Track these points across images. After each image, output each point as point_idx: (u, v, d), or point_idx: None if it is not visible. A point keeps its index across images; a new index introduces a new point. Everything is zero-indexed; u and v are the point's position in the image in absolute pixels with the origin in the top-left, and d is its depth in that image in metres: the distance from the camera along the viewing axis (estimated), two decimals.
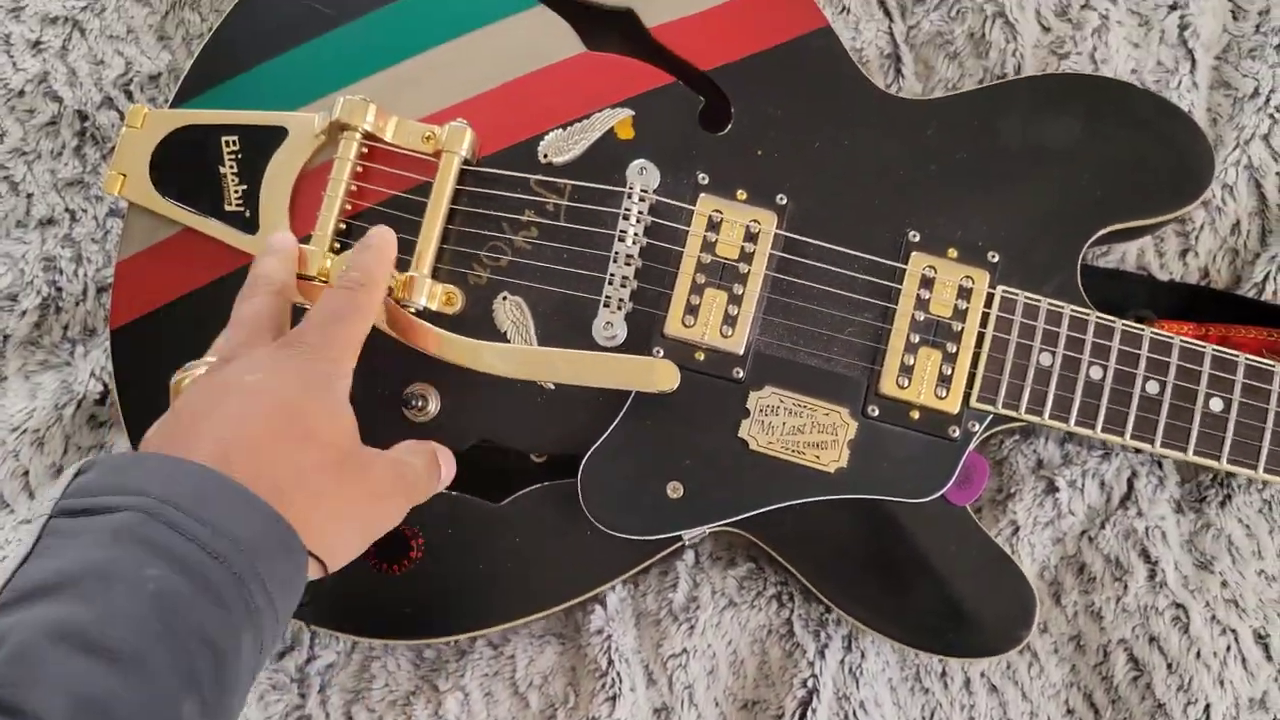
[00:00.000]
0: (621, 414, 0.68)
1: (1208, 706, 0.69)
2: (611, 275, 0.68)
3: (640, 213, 0.68)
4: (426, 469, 0.61)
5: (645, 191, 0.68)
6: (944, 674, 0.72)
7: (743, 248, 0.68)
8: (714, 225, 0.68)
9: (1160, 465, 0.74)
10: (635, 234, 0.68)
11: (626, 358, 0.65)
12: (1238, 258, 0.77)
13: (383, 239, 0.64)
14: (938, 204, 0.69)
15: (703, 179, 0.69)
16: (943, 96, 0.73)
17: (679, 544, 0.69)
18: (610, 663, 0.70)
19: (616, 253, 0.68)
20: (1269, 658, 0.70)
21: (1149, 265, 0.77)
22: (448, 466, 0.63)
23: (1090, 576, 0.72)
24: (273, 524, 0.49)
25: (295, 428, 0.54)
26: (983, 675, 0.72)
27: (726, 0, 0.72)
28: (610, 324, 0.67)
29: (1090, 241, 0.69)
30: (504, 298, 0.70)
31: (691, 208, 0.69)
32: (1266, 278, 0.75)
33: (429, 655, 0.73)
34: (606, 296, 0.68)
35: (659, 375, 0.63)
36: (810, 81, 0.71)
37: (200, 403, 0.53)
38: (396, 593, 0.69)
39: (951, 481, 0.68)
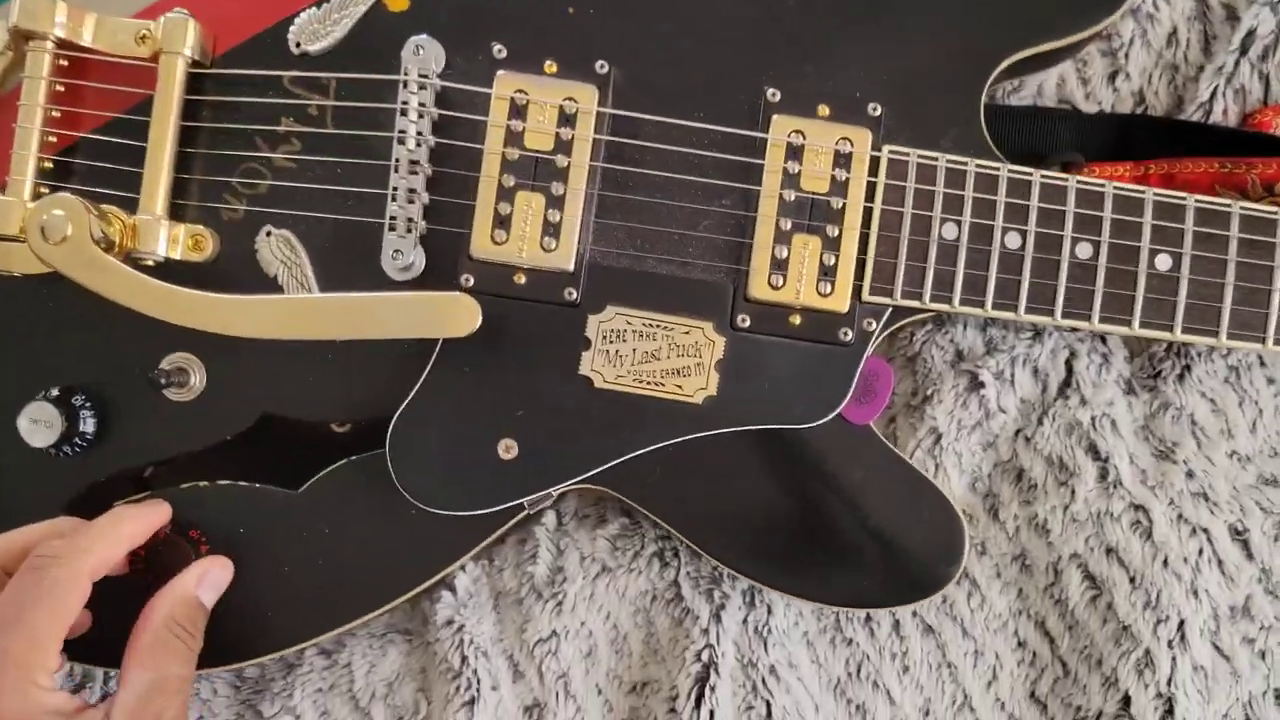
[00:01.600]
0: (431, 362, 0.54)
1: (1181, 623, 0.57)
2: (394, 189, 0.53)
3: (422, 105, 0.53)
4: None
5: (426, 76, 0.53)
6: (869, 619, 0.60)
7: (558, 135, 0.53)
8: (519, 111, 0.53)
9: (1104, 340, 0.61)
10: (419, 133, 0.53)
11: (408, 298, 0.51)
12: (1177, 74, 0.63)
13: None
14: (800, 51, 0.55)
15: (499, 52, 0.54)
16: None
17: (523, 512, 0.55)
18: (464, 659, 0.58)
19: (398, 159, 0.53)
20: (1249, 555, 0.58)
21: (1072, 97, 0.63)
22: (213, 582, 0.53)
23: (1031, 484, 0.60)
24: None
25: None
26: (915, 615, 0.60)
27: None
28: (400, 251, 0.53)
29: (993, 77, 0.55)
30: (268, 233, 0.55)
31: (488, 91, 0.54)
32: (1214, 95, 0.61)
33: (250, 674, 0.61)
34: (391, 217, 0.53)
35: (453, 315, 0.49)
36: None
37: None
38: None
39: (849, 396, 0.54)
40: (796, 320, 0.54)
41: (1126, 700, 0.57)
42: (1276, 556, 0.58)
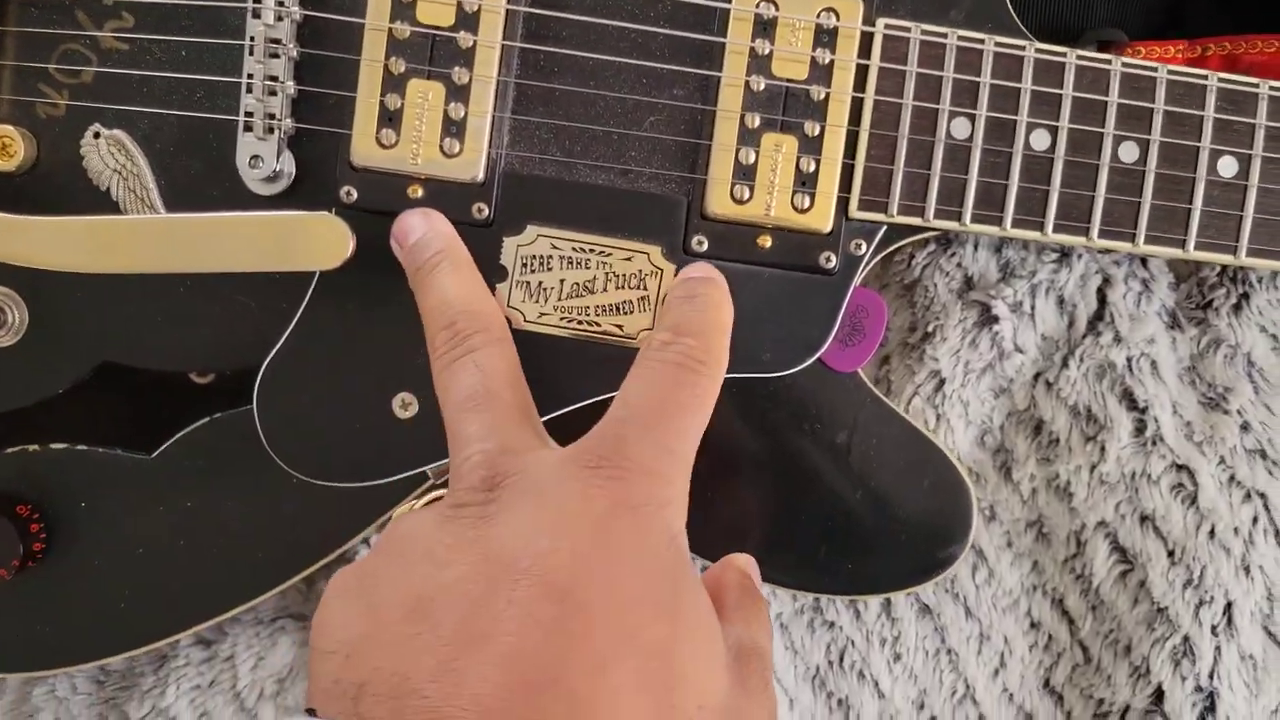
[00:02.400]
0: (306, 298, 0.43)
1: (1229, 605, 0.47)
2: (250, 77, 0.41)
3: None
4: (768, 633, 0.38)
5: None
6: (854, 600, 0.50)
7: (460, 5, 0.41)
8: None
9: (1145, 263, 0.50)
10: (279, 3, 0.41)
11: (255, 221, 0.40)
12: None
13: (710, 281, 0.40)
14: None
15: None
16: None
17: (429, 481, 0.45)
18: None
19: (253, 38, 0.41)
20: None
21: None
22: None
23: (1052, 438, 0.49)
24: None
25: (655, 677, 0.31)
26: (908, 594, 0.50)
27: None
28: (260, 157, 0.41)
29: None
30: (96, 134, 0.43)
31: None
32: None
33: (116, 666, 0.51)
34: (247, 113, 0.41)
35: (315, 242, 0.38)
36: None
37: (457, 602, 0.31)
38: (20, 606, 0.46)
39: (831, 337, 0.43)
40: (767, 242, 0.43)
41: (1159, 694, 0.48)
42: None
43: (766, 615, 0.39)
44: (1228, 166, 0.43)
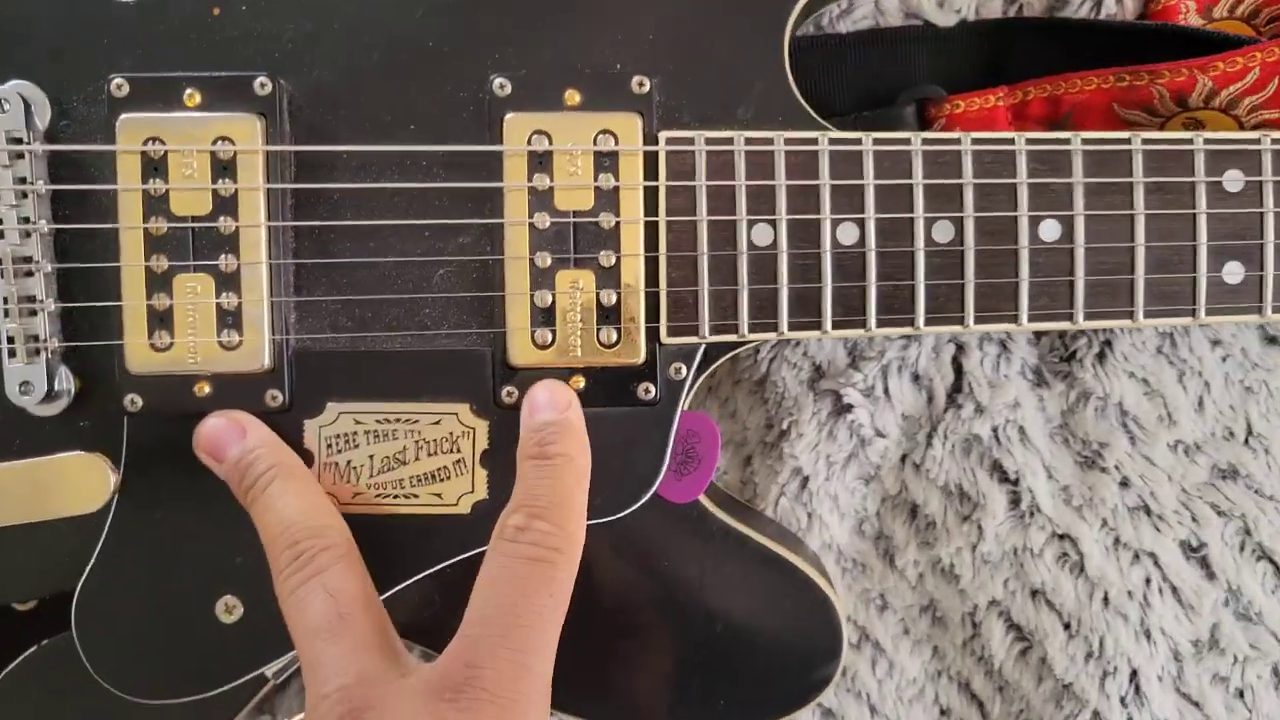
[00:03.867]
0: (110, 516, 0.41)
1: (1134, 673, 0.45)
2: (4, 301, 0.39)
3: (24, 180, 0.39)
4: None
5: (20, 141, 0.39)
6: None
7: (215, 192, 0.39)
8: (155, 166, 0.39)
9: None
10: (25, 220, 0.39)
11: (3, 471, 0.37)
12: None
13: (563, 427, 0.38)
14: (533, 19, 0.40)
15: (120, 88, 0.40)
16: None
17: (270, 683, 0.43)
18: None
19: (1, 260, 0.39)
20: (1210, 575, 0.46)
21: (922, 9, 0.48)
22: None
23: (928, 521, 0.47)
24: None
25: None
26: None
27: None
28: (29, 383, 0.39)
29: (799, 9, 0.41)
30: None
31: (110, 148, 0.39)
32: None
33: None
34: (9, 340, 0.39)
35: (70, 487, 0.36)
36: None
37: None
38: None
39: (664, 469, 0.41)
40: (580, 383, 0.41)
41: None
42: (1244, 570, 0.46)
43: None
44: (1050, 231, 0.41)
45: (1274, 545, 0.46)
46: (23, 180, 0.39)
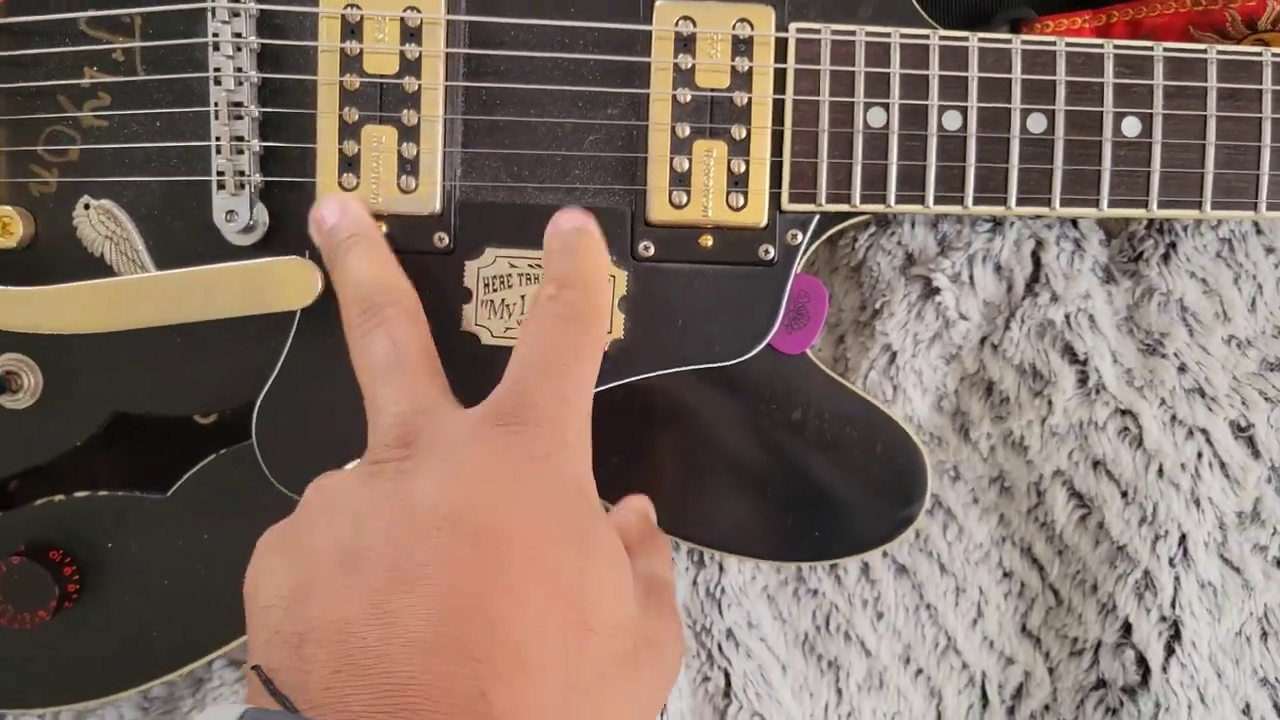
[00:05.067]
0: (291, 336, 0.46)
1: (1183, 537, 0.50)
2: (218, 140, 0.45)
3: (238, 35, 0.45)
4: (671, 569, 0.42)
5: (239, 1, 0.44)
6: (834, 567, 0.54)
7: (403, 54, 0.45)
8: (353, 29, 0.45)
9: (1075, 223, 0.53)
10: (238, 69, 0.45)
11: (228, 271, 0.44)
12: None
13: (584, 231, 0.43)
14: None
15: None
16: None
17: None
18: None
19: (217, 103, 0.45)
20: (1255, 454, 0.51)
21: None
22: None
23: (1002, 397, 0.52)
24: None
25: (569, 604, 0.34)
26: (885, 556, 0.54)
27: None
28: (234, 212, 0.45)
29: None
30: (86, 205, 0.47)
31: (314, 9, 0.45)
32: None
33: (158, 693, 0.55)
34: (219, 173, 0.45)
35: (278, 286, 0.41)
36: None
37: (383, 550, 0.33)
38: (63, 644, 0.50)
39: (777, 324, 0.47)
40: (708, 242, 0.47)
41: (1127, 627, 0.51)
42: None
43: (668, 550, 0.43)
44: (1131, 127, 0.46)
45: None
46: (238, 35, 0.45)
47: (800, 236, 0.47)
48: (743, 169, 0.46)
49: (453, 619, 0.31)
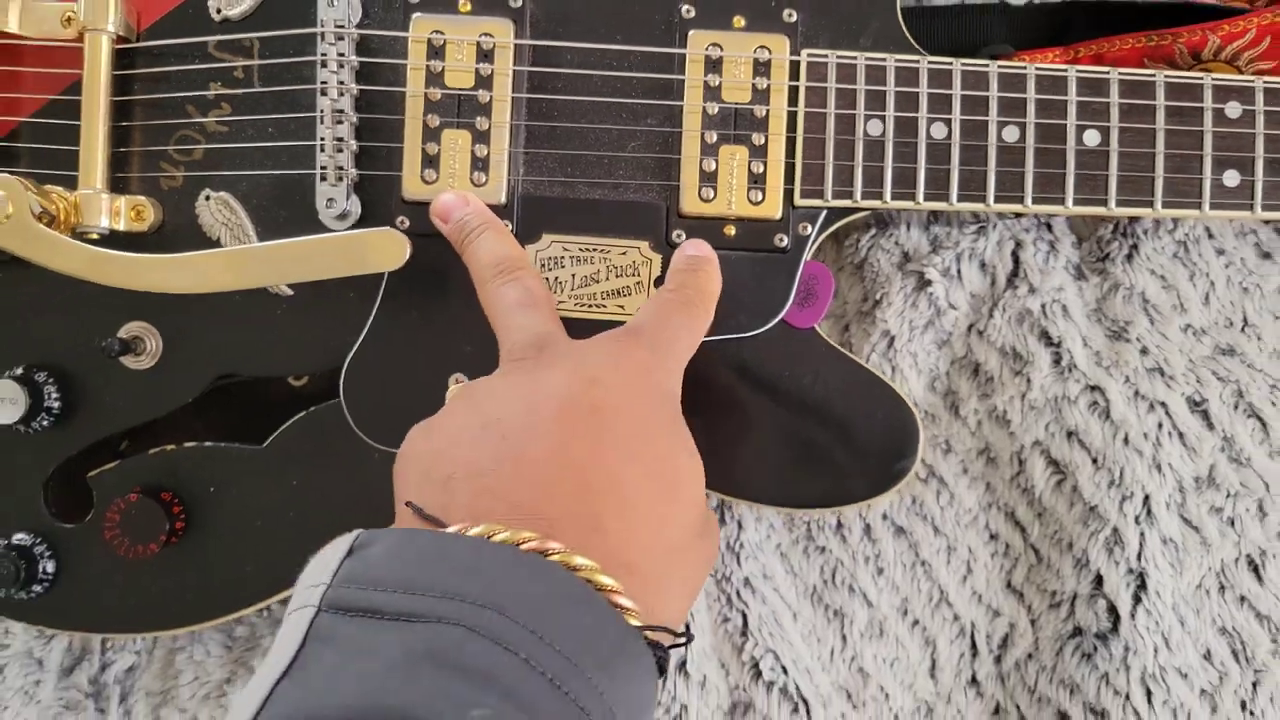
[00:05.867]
0: (375, 307, 0.55)
1: (1147, 498, 0.57)
2: (322, 140, 0.54)
3: (341, 55, 0.54)
4: None
5: (343, 27, 0.54)
6: (840, 527, 0.61)
7: (478, 71, 0.54)
8: (436, 51, 0.54)
9: (1050, 227, 0.61)
10: (341, 82, 0.54)
11: (334, 237, 0.52)
12: None
13: (705, 258, 0.52)
14: None
15: None
16: None
17: None
18: None
19: (322, 111, 0.54)
20: (1210, 426, 0.58)
21: None
22: None
23: (987, 376, 0.60)
24: (633, 642, 0.35)
25: (664, 474, 0.41)
26: (885, 518, 0.61)
27: None
28: (333, 200, 0.54)
29: None
30: (206, 197, 0.56)
31: (405, 35, 0.54)
32: None
33: (240, 633, 0.62)
34: (322, 167, 0.54)
35: (377, 249, 0.50)
36: None
37: (518, 415, 0.40)
38: (168, 574, 0.57)
39: (790, 301, 0.55)
40: (731, 231, 0.55)
41: (1099, 580, 0.58)
42: (1237, 424, 0.58)
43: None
44: (1091, 137, 0.54)
45: (1262, 407, 0.58)
46: (341, 55, 0.54)
47: (810, 228, 0.55)
48: (761, 170, 0.54)
49: (575, 464, 0.39)
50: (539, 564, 0.35)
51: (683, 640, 0.40)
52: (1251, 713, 0.57)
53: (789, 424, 0.56)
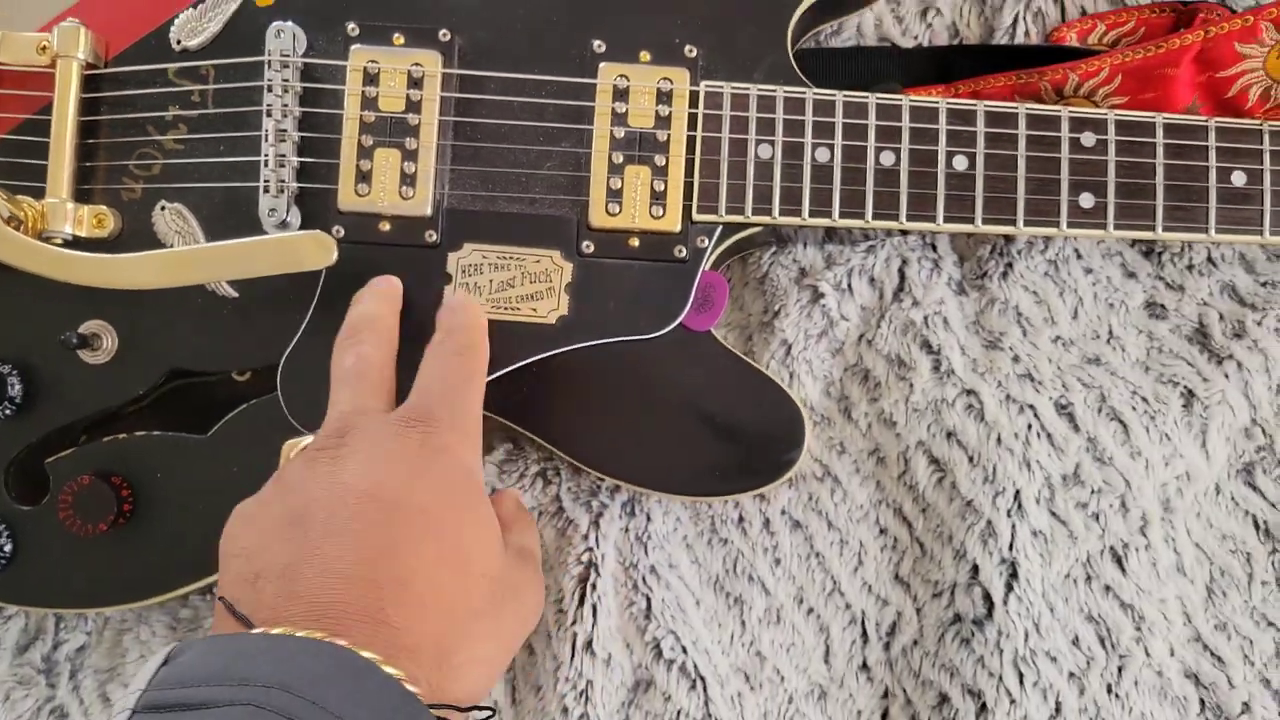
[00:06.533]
0: (312, 306, 0.60)
1: (1017, 493, 0.62)
2: (266, 156, 0.60)
3: (286, 81, 0.60)
4: (537, 543, 0.57)
5: (288, 56, 0.60)
6: (741, 520, 0.66)
7: (408, 97, 0.60)
8: (372, 79, 0.61)
9: (934, 247, 0.67)
10: (284, 105, 0.60)
11: (269, 239, 0.58)
12: (985, 6, 0.69)
13: (460, 300, 0.58)
14: (622, 5, 0.62)
15: (353, 30, 0.61)
16: None
17: None
18: None
19: (267, 130, 0.60)
20: (1076, 428, 0.63)
21: (890, 35, 0.69)
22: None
23: (875, 382, 0.65)
24: (415, 704, 0.39)
25: (452, 555, 0.46)
26: (783, 513, 0.66)
27: None
28: (274, 210, 0.60)
29: (797, 14, 0.62)
30: (162, 207, 0.62)
31: (344, 63, 0.61)
32: (1016, 20, 0.68)
33: (185, 615, 0.67)
34: (265, 180, 0.60)
35: (305, 251, 0.56)
36: None
37: (319, 513, 0.46)
38: (117, 553, 0.62)
39: (688, 307, 0.60)
40: (635, 243, 0.61)
41: (975, 569, 0.63)
42: (1100, 427, 0.63)
43: (534, 527, 0.57)
44: (960, 162, 0.61)
45: (1123, 411, 0.63)
46: (286, 81, 0.60)
47: (707, 241, 0.61)
48: (662, 188, 0.60)
49: (366, 561, 0.44)
50: (323, 646, 0.39)
51: (485, 714, 0.45)
52: (1116, 695, 0.62)
53: (687, 419, 0.61)
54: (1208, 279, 0.66)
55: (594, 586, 0.62)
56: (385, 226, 0.60)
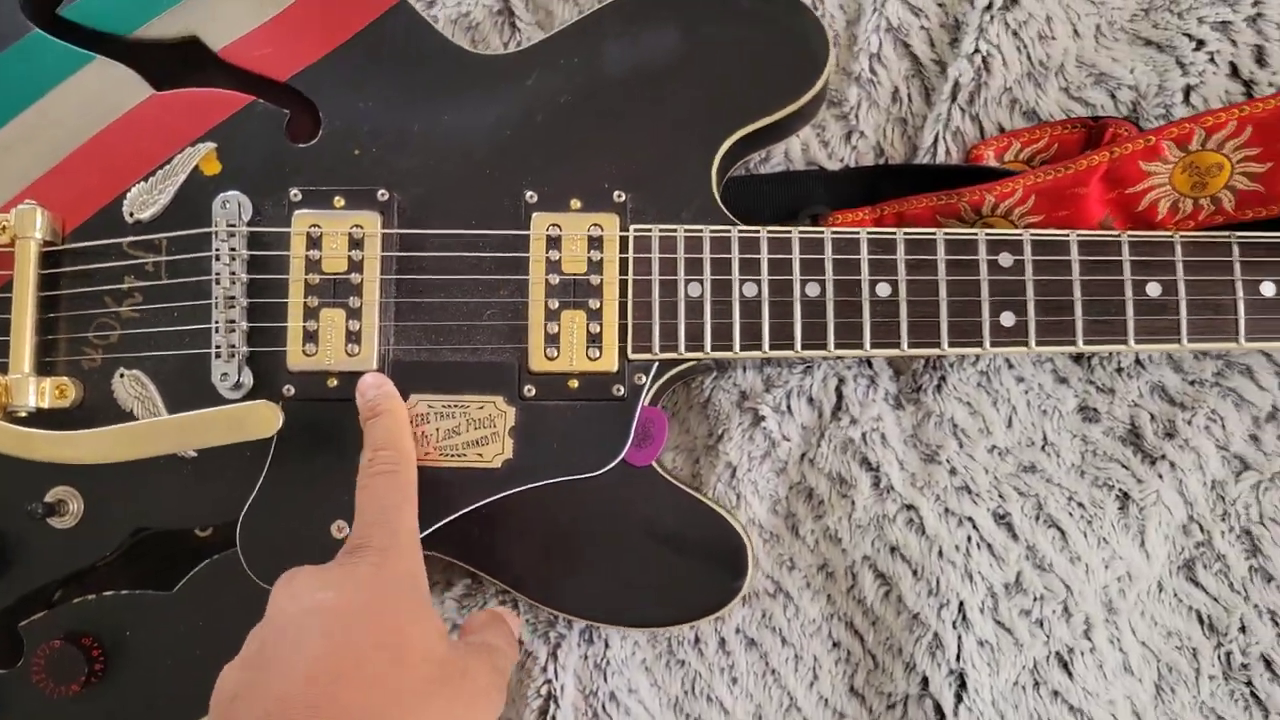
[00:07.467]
0: (267, 464, 0.63)
1: (961, 604, 0.64)
2: (216, 322, 0.62)
3: (233, 249, 0.63)
4: (507, 643, 0.58)
5: (234, 225, 0.63)
6: (698, 640, 0.67)
7: (350, 257, 0.63)
8: (315, 242, 0.63)
9: (870, 364, 0.69)
10: (232, 273, 0.63)
11: (214, 412, 0.60)
12: (907, 126, 0.72)
13: (381, 390, 0.61)
14: (551, 156, 0.64)
15: (296, 196, 0.64)
16: (535, 43, 0.68)
17: None
18: None
19: (216, 297, 0.63)
20: (1015, 537, 0.65)
21: (817, 158, 0.72)
22: (516, 626, 0.61)
23: (819, 500, 0.67)
24: None
25: (392, 650, 0.49)
26: (738, 631, 0.68)
27: (290, 4, 0.67)
28: (227, 374, 0.62)
29: (720, 155, 0.64)
30: (121, 375, 0.65)
31: (287, 230, 0.64)
32: (936, 139, 0.70)
33: None
34: (216, 346, 0.63)
35: (252, 421, 0.58)
36: (395, 64, 0.66)
37: (271, 633, 0.51)
38: (89, 710, 0.64)
39: (628, 444, 0.63)
40: (574, 384, 0.63)
41: (925, 681, 0.64)
42: (1038, 534, 0.65)
43: (507, 629, 0.58)
44: (883, 289, 0.63)
45: (1060, 517, 0.65)
46: (233, 249, 0.63)
47: (644, 378, 0.63)
48: (598, 330, 0.63)
49: (322, 676, 0.47)
50: None
51: None
52: None
53: (635, 554, 0.63)
54: (1137, 380, 0.68)
55: (553, 719, 0.64)
56: (333, 383, 0.63)
